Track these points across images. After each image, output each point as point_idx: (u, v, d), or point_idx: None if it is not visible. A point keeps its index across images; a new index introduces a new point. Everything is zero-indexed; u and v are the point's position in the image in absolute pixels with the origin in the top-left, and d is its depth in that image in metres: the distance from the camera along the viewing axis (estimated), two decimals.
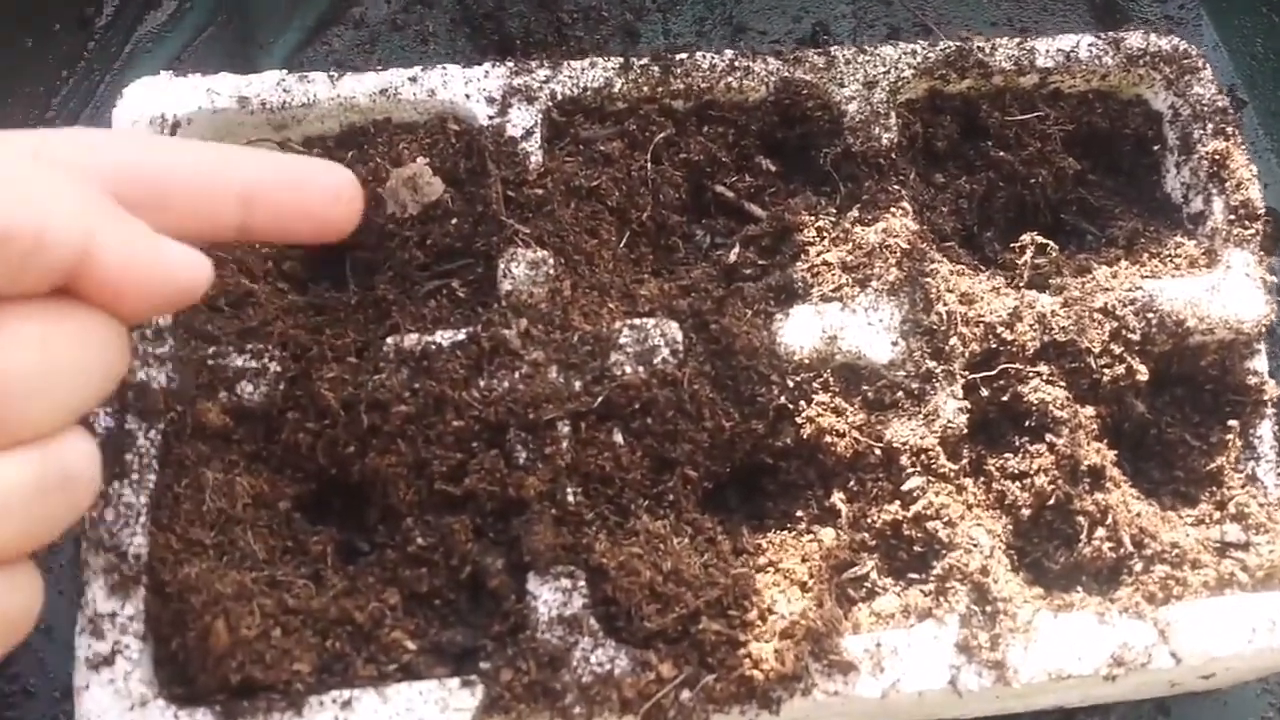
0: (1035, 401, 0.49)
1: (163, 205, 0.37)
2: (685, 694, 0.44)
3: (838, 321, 0.50)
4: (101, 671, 0.43)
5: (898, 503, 0.48)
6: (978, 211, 0.56)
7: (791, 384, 0.49)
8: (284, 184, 0.40)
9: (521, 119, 0.52)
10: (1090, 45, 0.56)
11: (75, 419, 0.35)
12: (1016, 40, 0.55)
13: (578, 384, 0.48)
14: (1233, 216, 0.54)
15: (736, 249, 0.53)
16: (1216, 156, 0.55)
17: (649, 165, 0.53)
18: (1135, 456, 0.53)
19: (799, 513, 0.49)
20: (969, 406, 0.49)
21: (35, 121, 0.66)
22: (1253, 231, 0.54)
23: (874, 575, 0.47)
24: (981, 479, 0.49)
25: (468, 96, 0.52)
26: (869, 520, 0.48)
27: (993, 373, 0.50)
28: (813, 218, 0.52)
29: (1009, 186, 0.56)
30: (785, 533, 0.49)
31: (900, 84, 0.54)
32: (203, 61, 0.68)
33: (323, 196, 0.41)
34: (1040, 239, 0.53)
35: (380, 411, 0.47)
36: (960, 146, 0.56)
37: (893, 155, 0.53)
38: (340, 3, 0.70)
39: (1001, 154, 0.55)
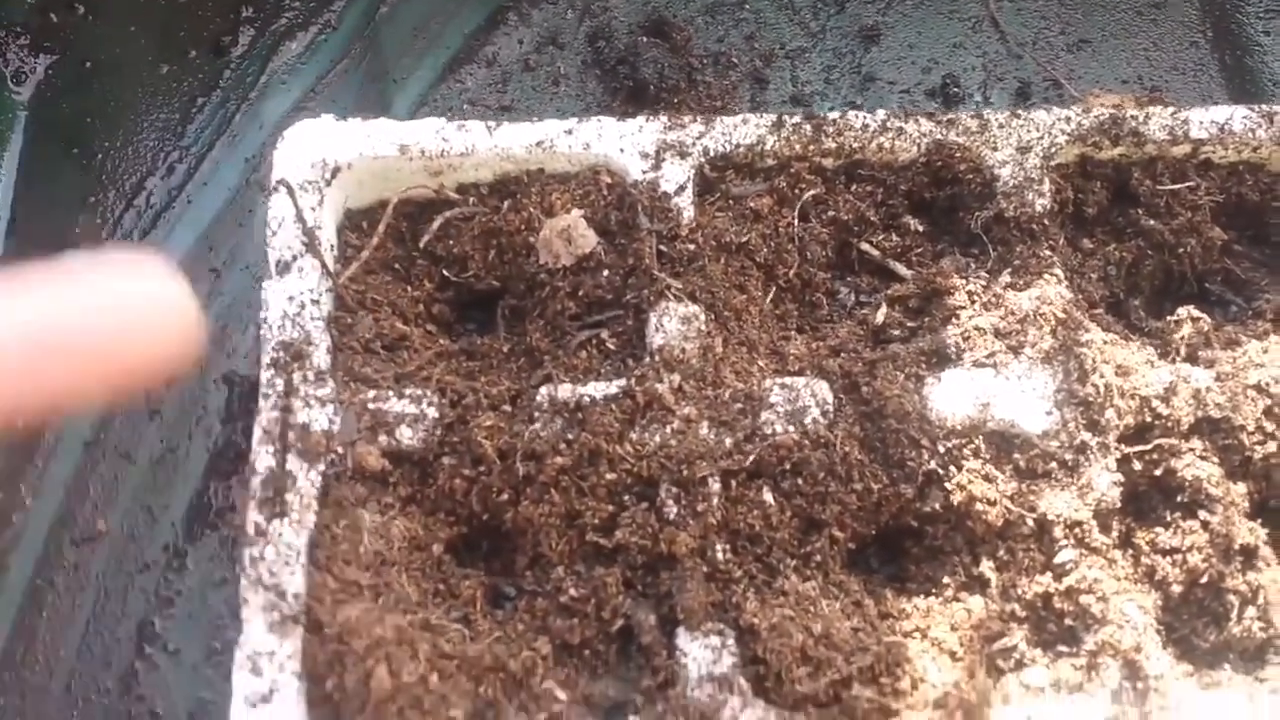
0: (1189, 478, 0.49)
1: None
2: None
3: (990, 388, 0.49)
4: (259, 709, 0.43)
5: (1049, 574, 0.47)
6: (1125, 278, 0.55)
7: (942, 449, 0.49)
8: (99, 373, 0.32)
9: (674, 174, 0.53)
10: (1245, 118, 0.55)
11: None
12: (1171, 110, 0.55)
13: (729, 441, 0.48)
14: None
15: (884, 309, 0.53)
16: None
17: (796, 222, 0.54)
18: None
19: (945, 579, 0.49)
20: (1121, 479, 0.49)
21: (170, 148, 0.67)
22: None
23: (1023, 646, 0.47)
24: (1130, 551, 0.49)
25: (622, 150, 0.53)
26: (1019, 591, 0.47)
27: (1147, 447, 0.49)
28: (963, 280, 0.52)
29: (1157, 255, 0.55)
30: (932, 598, 0.49)
31: (1054, 149, 0.54)
32: (337, 95, 0.69)
33: (150, 364, 0.33)
34: (1195, 312, 0.52)
35: (535, 461, 0.47)
36: (1109, 213, 0.56)
37: (1045, 221, 0.53)
38: (473, 42, 0.71)
39: (1151, 222, 0.55)
